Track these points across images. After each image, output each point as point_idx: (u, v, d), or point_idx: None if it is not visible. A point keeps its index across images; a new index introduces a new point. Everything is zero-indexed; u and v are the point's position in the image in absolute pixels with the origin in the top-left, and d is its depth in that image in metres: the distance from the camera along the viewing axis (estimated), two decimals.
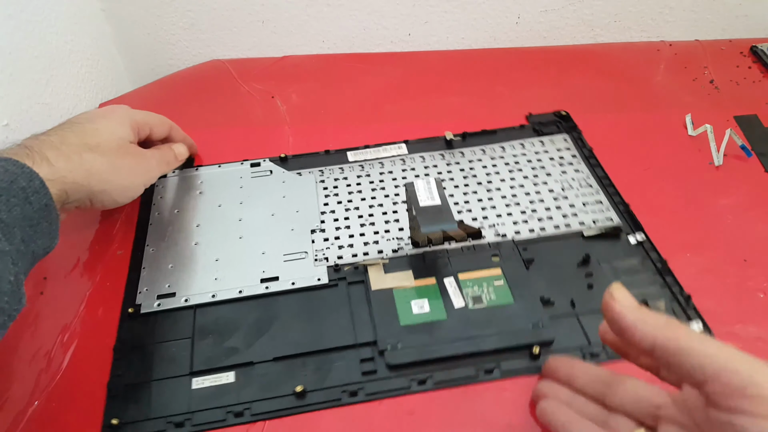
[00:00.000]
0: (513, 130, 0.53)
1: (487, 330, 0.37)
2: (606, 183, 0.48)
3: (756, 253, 0.42)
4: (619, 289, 0.27)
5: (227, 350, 0.37)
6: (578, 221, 0.45)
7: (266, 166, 0.50)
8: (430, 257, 0.42)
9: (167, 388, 0.36)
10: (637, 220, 0.44)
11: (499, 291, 0.40)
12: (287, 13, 0.64)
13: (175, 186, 0.49)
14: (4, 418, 0.35)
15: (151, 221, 0.46)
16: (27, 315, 0.41)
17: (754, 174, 0.48)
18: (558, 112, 0.54)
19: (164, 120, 0.46)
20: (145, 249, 0.43)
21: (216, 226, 0.45)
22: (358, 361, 0.37)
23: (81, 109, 0.58)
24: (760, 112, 0.54)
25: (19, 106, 0.49)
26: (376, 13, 0.64)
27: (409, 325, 0.38)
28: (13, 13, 0.48)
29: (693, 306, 0.39)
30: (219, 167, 0.50)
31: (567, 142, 0.52)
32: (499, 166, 0.50)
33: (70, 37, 0.56)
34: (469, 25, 0.65)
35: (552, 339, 0.37)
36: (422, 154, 0.51)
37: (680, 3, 0.64)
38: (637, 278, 0.41)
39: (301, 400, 0.35)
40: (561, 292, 0.40)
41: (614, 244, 0.43)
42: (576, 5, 0.64)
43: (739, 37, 0.65)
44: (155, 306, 0.40)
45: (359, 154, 0.51)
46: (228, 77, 0.63)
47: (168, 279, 0.41)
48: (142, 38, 0.66)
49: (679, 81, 0.59)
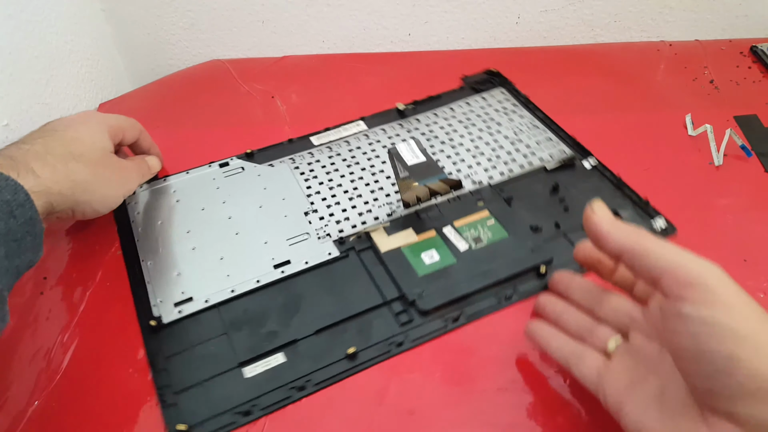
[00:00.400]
0: (454, 92, 0.58)
1: (495, 263, 0.42)
2: (549, 122, 0.54)
3: (756, 253, 0.42)
4: (598, 204, 0.31)
5: (266, 335, 0.38)
6: (538, 158, 0.50)
7: (236, 164, 0.50)
8: (423, 214, 0.45)
9: (221, 384, 0.36)
10: (585, 148, 0.51)
11: (493, 229, 0.44)
12: (287, 13, 0.64)
13: (149, 199, 0.48)
14: (4, 418, 0.35)
15: (137, 237, 0.45)
16: (27, 315, 0.41)
17: (754, 174, 0.48)
18: (489, 71, 0.60)
19: (135, 124, 0.46)
20: (142, 264, 0.43)
21: (207, 228, 0.45)
22: (393, 316, 0.39)
23: (81, 109, 0.58)
24: (760, 112, 0.54)
25: (19, 106, 0.49)
26: (376, 13, 0.64)
27: (426, 275, 0.41)
28: (13, 13, 0.48)
29: (652, 207, 0.45)
30: (188, 174, 0.50)
31: (504, 95, 0.58)
32: (454, 124, 0.54)
33: (70, 37, 0.56)
34: (469, 25, 0.65)
35: (551, 257, 0.42)
36: (382, 127, 0.54)
37: (680, 3, 0.64)
38: (601, 195, 0.47)
39: (354, 361, 0.37)
40: (544, 219, 0.45)
41: (573, 171, 0.49)
42: (576, 5, 0.64)
43: (739, 37, 0.65)
44: (177, 313, 0.39)
45: (322, 138, 0.53)
46: (228, 77, 0.63)
47: (179, 286, 0.41)
48: (142, 38, 0.66)
49: (679, 81, 0.59)
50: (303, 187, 0.48)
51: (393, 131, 0.54)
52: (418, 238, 0.43)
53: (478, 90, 0.58)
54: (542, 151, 0.51)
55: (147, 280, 0.42)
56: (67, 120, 0.41)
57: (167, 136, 0.55)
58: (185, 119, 0.58)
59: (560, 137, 0.52)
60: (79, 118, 0.42)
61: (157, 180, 0.49)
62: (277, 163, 0.50)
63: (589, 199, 0.40)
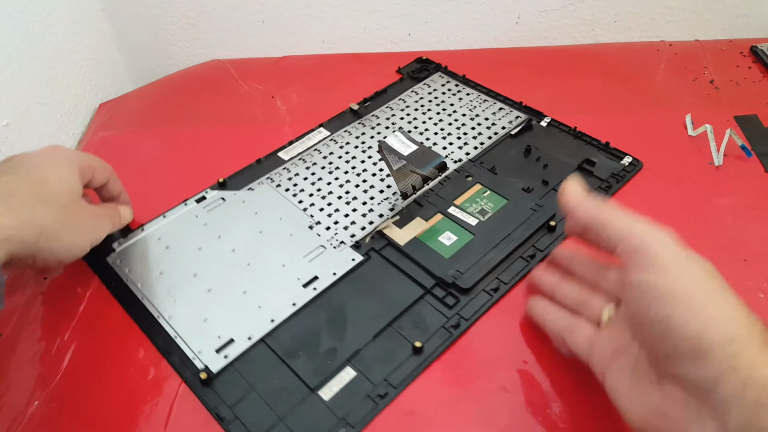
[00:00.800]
0: (397, 85, 0.60)
1: (507, 228, 0.44)
2: (494, 95, 0.57)
3: (756, 253, 0.42)
4: (570, 182, 0.32)
5: (326, 354, 0.37)
6: (500, 127, 0.54)
7: (213, 196, 0.48)
8: (422, 201, 0.46)
9: (303, 414, 0.34)
10: (535, 109, 0.55)
11: (492, 198, 0.46)
12: (287, 13, 0.64)
13: (133, 254, 0.44)
14: (4, 418, 0.35)
15: (141, 296, 0.41)
16: (27, 315, 0.41)
17: (754, 174, 0.48)
18: (419, 58, 0.63)
19: (106, 165, 0.42)
20: (161, 322, 0.39)
21: (214, 266, 0.42)
22: (439, 301, 0.40)
23: (81, 109, 0.59)
24: (760, 112, 0.54)
25: (19, 106, 0.49)
26: (376, 13, 0.64)
27: (452, 255, 0.42)
28: (13, 13, 0.48)
29: (615, 149, 0.50)
30: (164, 217, 0.46)
31: (443, 78, 0.60)
32: (412, 113, 0.56)
33: (70, 37, 0.56)
34: (469, 25, 0.65)
35: (553, 211, 0.44)
36: (345, 129, 0.54)
37: (680, 3, 0.64)
38: (566, 146, 0.51)
39: (422, 354, 0.37)
40: (530, 179, 0.48)
41: (533, 132, 0.53)
42: (576, 5, 0.64)
43: (739, 37, 0.65)
44: (223, 359, 0.37)
45: (290, 151, 0.52)
46: (228, 77, 0.63)
47: (212, 331, 0.38)
48: (142, 38, 0.66)
49: (679, 81, 0.59)
50: (295, 203, 0.47)
51: (357, 131, 0.54)
52: (429, 225, 0.44)
53: (418, 78, 0.60)
54: (500, 120, 0.54)
55: (174, 336, 0.38)
56: (33, 156, 0.37)
57: (167, 135, 0.56)
58: (185, 119, 0.58)
59: (510, 105, 0.56)
60: (47, 154, 0.38)
61: (134, 232, 0.45)
62: (255, 185, 0.48)
63: (558, 153, 0.50)
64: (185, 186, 0.49)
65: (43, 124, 0.52)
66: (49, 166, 0.36)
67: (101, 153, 0.54)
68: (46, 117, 0.52)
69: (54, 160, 0.37)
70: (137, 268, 0.43)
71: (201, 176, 0.50)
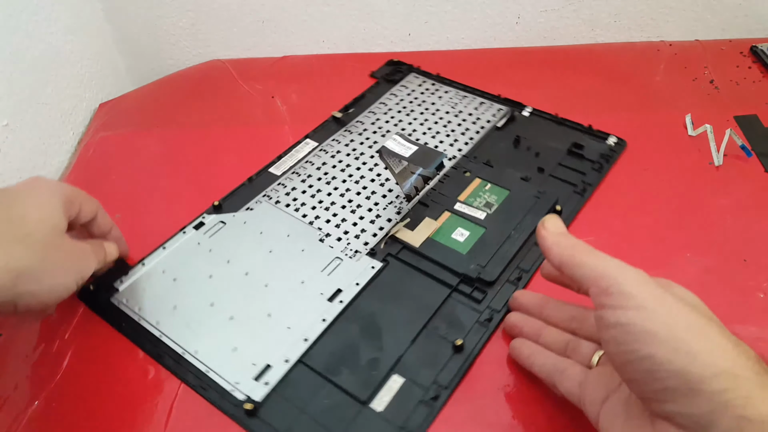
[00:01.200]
0: (374, 89, 0.60)
1: (516, 218, 0.44)
2: (471, 90, 0.58)
3: (756, 253, 0.42)
4: (549, 219, 0.32)
5: (369, 365, 0.36)
6: (485, 121, 0.55)
7: (212, 220, 0.45)
8: (427, 201, 0.46)
9: (359, 430, 0.33)
10: (515, 100, 0.56)
11: (494, 191, 0.47)
12: (287, 13, 0.64)
13: (140, 291, 0.41)
14: (4, 418, 0.35)
15: (159, 334, 0.38)
16: None
17: (754, 174, 0.48)
18: (390, 61, 0.63)
19: (92, 199, 0.39)
20: (188, 358, 0.37)
21: (230, 293, 0.40)
22: (468, 297, 0.40)
23: (81, 109, 0.59)
24: (760, 112, 0.54)
25: (19, 106, 0.49)
26: (376, 13, 0.64)
27: (469, 250, 0.42)
28: (13, 13, 0.48)
29: (598, 131, 0.52)
30: (164, 249, 0.44)
31: (419, 78, 0.61)
32: (396, 116, 0.56)
33: (70, 37, 0.56)
34: (469, 25, 0.65)
35: (555, 196, 0.46)
36: (333, 138, 0.53)
37: (680, 3, 0.64)
38: (550, 133, 0.53)
39: (464, 351, 0.37)
40: (526, 168, 0.49)
41: (518, 122, 0.55)
42: (576, 5, 0.64)
43: (739, 37, 0.65)
44: (264, 386, 0.35)
45: (281, 166, 0.50)
46: (228, 77, 0.63)
47: (245, 360, 0.36)
48: (142, 38, 0.66)
49: (679, 81, 0.59)
50: (299, 218, 0.45)
51: (345, 139, 0.53)
52: (439, 223, 0.44)
53: (393, 81, 0.60)
54: (483, 114, 0.55)
55: (206, 370, 0.36)
56: (13, 191, 0.34)
57: (167, 136, 0.56)
58: (185, 119, 0.58)
59: (489, 99, 0.57)
60: (28, 187, 0.35)
61: (134, 267, 0.42)
62: (253, 204, 0.47)
63: (546, 140, 0.52)
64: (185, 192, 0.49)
65: (43, 124, 0.52)
66: (30, 202, 0.33)
67: (101, 153, 0.54)
68: (46, 117, 0.52)
69: (35, 194, 0.34)
70: (148, 305, 0.40)
71: (202, 179, 0.50)
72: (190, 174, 0.51)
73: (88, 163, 0.53)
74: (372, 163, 0.50)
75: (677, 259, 0.42)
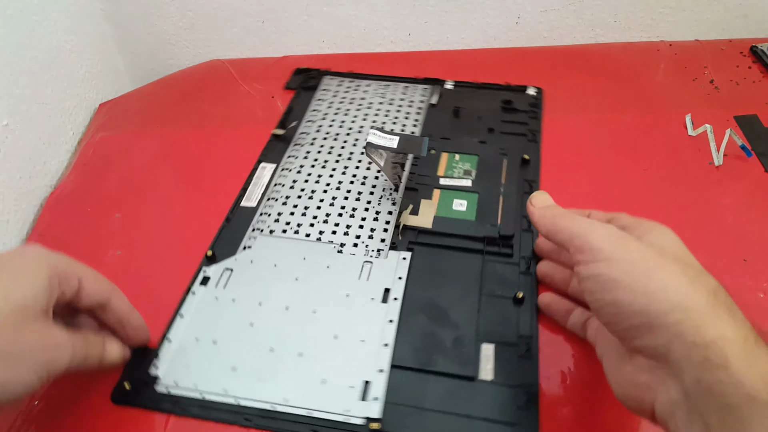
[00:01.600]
0: (297, 99, 0.59)
1: (497, 175, 0.48)
2: (390, 79, 0.60)
3: (756, 253, 0.42)
4: (536, 195, 0.35)
5: (454, 344, 0.37)
6: (419, 101, 0.57)
7: (216, 270, 0.42)
8: (412, 186, 0.48)
9: (484, 403, 0.34)
10: (435, 78, 0.59)
11: (465, 159, 0.50)
12: (287, 13, 0.64)
13: (183, 368, 0.37)
14: (4, 418, 0.35)
15: (233, 401, 0.35)
16: None
17: (754, 174, 0.48)
18: (298, 69, 0.62)
19: (104, 280, 0.33)
20: (278, 409, 0.34)
21: (281, 332, 0.38)
22: (500, 256, 0.42)
23: (81, 108, 0.59)
24: (760, 112, 0.54)
25: (19, 107, 0.49)
26: (376, 13, 0.64)
27: (477, 215, 0.45)
28: (13, 13, 0.48)
29: (513, 85, 0.57)
30: (182, 316, 0.39)
31: (335, 79, 0.61)
32: (337, 119, 0.55)
33: (70, 37, 0.56)
34: (469, 25, 0.65)
35: (518, 151, 0.50)
36: (289, 155, 0.52)
37: (680, 3, 0.64)
38: (478, 98, 0.57)
39: (525, 301, 0.39)
40: (477, 133, 0.53)
41: (448, 95, 0.58)
42: (576, 5, 0.64)
43: (739, 37, 0.65)
44: (375, 401, 0.34)
45: (251, 197, 0.48)
46: (228, 77, 0.63)
47: (339, 385, 0.35)
48: (142, 38, 0.66)
49: (679, 81, 0.59)
50: (303, 239, 0.44)
51: (301, 152, 0.52)
52: (436, 202, 0.46)
53: (313, 87, 0.60)
54: (414, 96, 0.58)
55: (308, 413, 0.34)
56: None
57: (167, 136, 0.56)
58: (185, 119, 0.58)
59: (410, 81, 0.59)
60: (12, 255, 0.31)
61: (160, 348, 0.38)
62: (248, 242, 0.44)
63: (479, 105, 0.56)
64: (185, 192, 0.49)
65: (43, 124, 0.52)
66: (4, 274, 0.29)
67: (101, 153, 0.54)
68: (46, 117, 0.52)
69: (15, 264, 0.29)
70: (203, 378, 0.36)
71: (202, 178, 0.50)
72: (190, 173, 0.51)
73: (88, 163, 0.53)
74: (342, 166, 0.50)
75: None
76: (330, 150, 0.52)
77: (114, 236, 0.46)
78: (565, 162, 0.50)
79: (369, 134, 0.44)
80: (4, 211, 0.46)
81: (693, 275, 0.27)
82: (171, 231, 0.46)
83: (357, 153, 0.51)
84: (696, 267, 0.29)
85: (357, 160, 0.51)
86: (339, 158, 0.51)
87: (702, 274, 0.28)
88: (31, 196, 0.49)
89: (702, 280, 0.27)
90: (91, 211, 0.48)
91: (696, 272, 0.28)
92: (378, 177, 0.49)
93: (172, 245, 0.45)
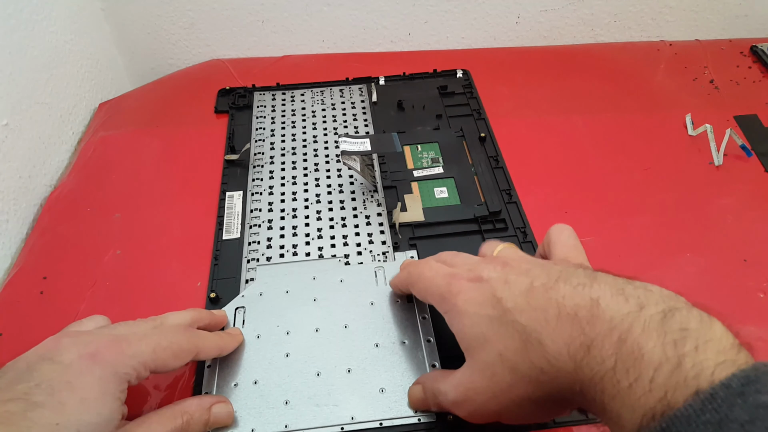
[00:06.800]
0: (236, 120, 0.57)
1: (463, 157, 0.51)
2: (318, 84, 0.60)
3: (756, 253, 0.42)
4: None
5: None
6: (359, 102, 0.58)
7: (228, 312, 0.40)
8: (390, 183, 0.49)
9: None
10: (366, 76, 0.60)
11: (426, 148, 0.52)
12: (287, 13, 0.64)
13: (246, 411, 0.35)
14: None
15: (304, 427, 0.34)
16: (27, 314, 0.41)
17: (754, 174, 0.48)
18: (223, 89, 0.60)
19: (177, 344, 0.31)
20: (347, 428, 0.34)
21: (321, 354, 0.37)
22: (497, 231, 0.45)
23: (81, 108, 0.58)
24: (760, 112, 0.54)
25: (19, 106, 0.49)
26: (376, 13, 0.64)
27: (461, 199, 0.47)
28: (13, 12, 0.48)
29: (441, 71, 0.62)
30: (210, 368, 0.37)
31: (264, 94, 0.59)
32: (287, 134, 0.54)
33: (70, 37, 0.56)
34: (469, 25, 0.65)
35: (472, 132, 0.53)
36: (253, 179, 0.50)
37: (680, 3, 0.64)
38: (414, 88, 0.59)
39: None
40: (424, 121, 0.55)
41: (383, 91, 0.59)
42: (576, 5, 0.64)
43: (739, 37, 0.65)
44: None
45: (231, 229, 0.46)
46: (228, 77, 0.63)
47: (400, 389, 0.35)
48: (142, 38, 0.66)
49: (679, 81, 0.59)
50: (304, 258, 0.43)
51: (263, 173, 0.50)
52: (418, 195, 0.48)
53: (247, 106, 0.57)
54: (352, 97, 0.58)
55: (378, 426, 0.34)
56: (57, 371, 0.27)
57: (167, 135, 0.56)
58: (185, 119, 0.58)
59: (342, 84, 0.60)
60: (78, 366, 0.27)
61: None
62: (248, 275, 0.43)
63: (417, 95, 0.58)
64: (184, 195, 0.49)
65: (42, 124, 0.52)
66: (72, 401, 0.26)
67: (101, 153, 0.54)
68: (46, 117, 0.52)
69: (84, 384, 0.27)
70: (258, 420, 0.34)
71: (202, 179, 0.50)
72: (190, 174, 0.51)
73: (88, 163, 0.53)
74: (313, 179, 0.49)
75: (677, 259, 0.42)
76: (293, 165, 0.51)
77: (114, 236, 0.46)
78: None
79: (340, 143, 0.45)
80: (4, 211, 0.46)
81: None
82: (171, 231, 0.46)
83: (322, 163, 0.51)
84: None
85: (325, 170, 0.50)
86: (306, 171, 0.50)
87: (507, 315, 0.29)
88: (31, 195, 0.49)
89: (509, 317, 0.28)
90: (91, 211, 0.48)
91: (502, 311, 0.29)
92: (353, 182, 0.49)
93: (173, 244, 0.45)
